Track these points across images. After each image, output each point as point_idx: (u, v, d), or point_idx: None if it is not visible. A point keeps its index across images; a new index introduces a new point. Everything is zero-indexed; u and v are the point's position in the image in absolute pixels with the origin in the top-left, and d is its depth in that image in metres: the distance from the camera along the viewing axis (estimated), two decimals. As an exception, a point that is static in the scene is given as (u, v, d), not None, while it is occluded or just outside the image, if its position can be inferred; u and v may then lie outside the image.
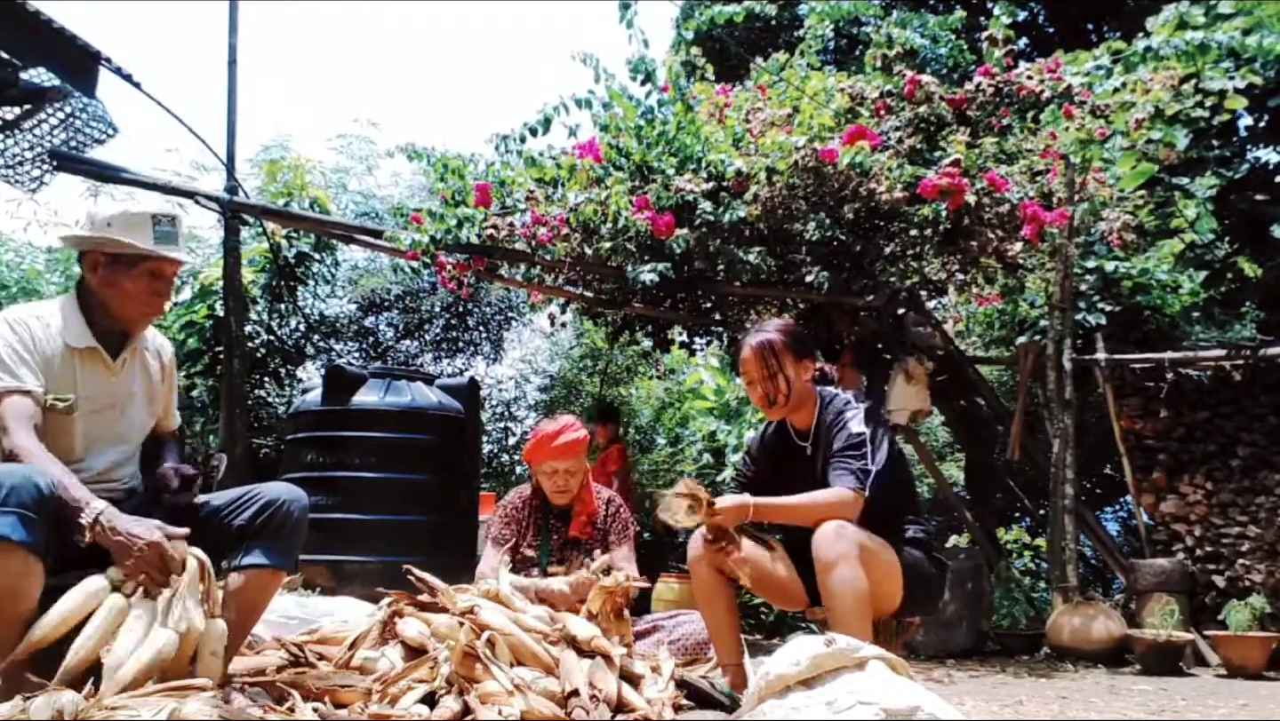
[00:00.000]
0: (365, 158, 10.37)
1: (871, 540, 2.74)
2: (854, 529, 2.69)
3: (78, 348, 2.50)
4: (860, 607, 2.61)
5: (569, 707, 2.24)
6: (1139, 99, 5.07)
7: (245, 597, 2.47)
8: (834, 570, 2.62)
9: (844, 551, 2.63)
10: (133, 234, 2.49)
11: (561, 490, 3.60)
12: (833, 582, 2.62)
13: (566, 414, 4.23)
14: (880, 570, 2.74)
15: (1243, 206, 5.68)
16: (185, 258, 2.59)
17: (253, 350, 8.03)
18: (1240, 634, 4.94)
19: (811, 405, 3.00)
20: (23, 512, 2.10)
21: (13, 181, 5.58)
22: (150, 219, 2.51)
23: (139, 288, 2.53)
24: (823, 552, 2.65)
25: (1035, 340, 6.50)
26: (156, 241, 2.50)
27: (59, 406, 2.45)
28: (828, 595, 2.65)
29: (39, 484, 2.15)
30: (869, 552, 2.70)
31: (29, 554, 2.11)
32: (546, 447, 3.56)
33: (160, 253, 2.50)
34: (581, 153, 5.34)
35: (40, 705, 1.92)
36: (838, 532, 2.66)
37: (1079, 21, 11.37)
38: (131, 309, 2.55)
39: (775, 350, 2.92)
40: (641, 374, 10.44)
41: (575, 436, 3.56)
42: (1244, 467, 5.54)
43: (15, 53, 4.68)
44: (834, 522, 2.68)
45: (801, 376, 2.96)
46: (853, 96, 5.26)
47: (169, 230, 2.53)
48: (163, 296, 2.59)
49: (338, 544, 5.50)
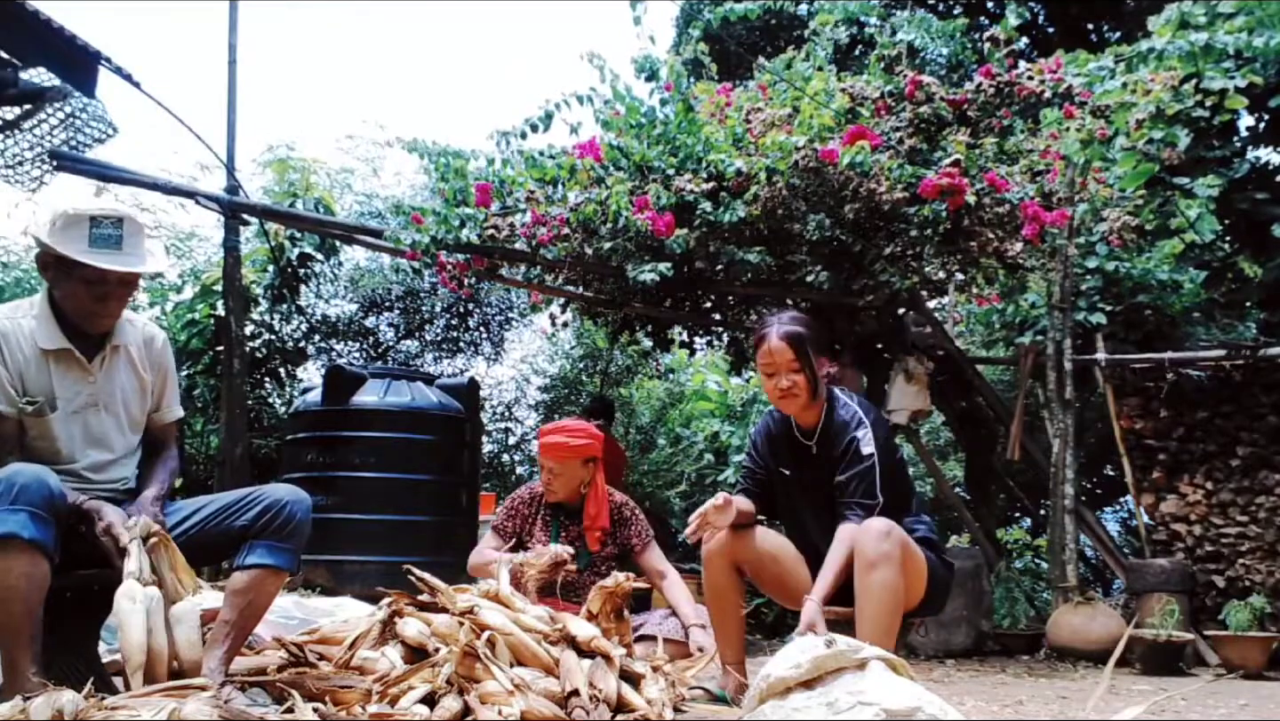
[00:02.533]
0: (371, 159, 10.39)
1: (911, 543, 2.73)
2: (901, 530, 2.66)
3: (50, 349, 2.43)
4: (894, 612, 2.59)
5: (569, 707, 2.24)
6: (1140, 99, 5.07)
7: (247, 597, 2.47)
8: (876, 570, 2.59)
9: (889, 552, 2.60)
10: (67, 237, 2.32)
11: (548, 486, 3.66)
12: (872, 582, 2.59)
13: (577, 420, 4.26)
14: (915, 573, 2.72)
15: (1243, 206, 5.67)
16: (126, 266, 2.35)
17: (253, 350, 8.03)
18: (1240, 634, 4.93)
19: (820, 403, 2.95)
20: (33, 511, 2.10)
21: (13, 181, 5.57)
22: (89, 221, 2.33)
23: (80, 293, 2.39)
24: (868, 550, 2.61)
25: (1035, 340, 6.50)
26: (91, 245, 2.31)
27: (28, 410, 2.40)
28: (863, 593, 2.60)
29: (50, 484, 2.15)
30: (909, 555, 2.68)
31: (37, 552, 2.11)
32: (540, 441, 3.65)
33: (83, 260, 2.31)
34: (582, 152, 5.34)
35: (40, 705, 1.92)
36: (885, 532, 2.62)
37: (1079, 21, 11.37)
38: (77, 312, 2.43)
39: (802, 342, 2.84)
40: (642, 374, 10.43)
41: (563, 440, 3.59)
42: (1244, 467, 5.53)
43: (15, 53, 4.68)
44: (883, 520, 2.65)
45: (819, 373, 2.90)
46: (853, 96, 5.26)
47: (110, 234, 2.33)
48: (107, 302, 2.43)
49: (338, 544, 5.51)
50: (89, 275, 2.36)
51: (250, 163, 8.90)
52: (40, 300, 2.50)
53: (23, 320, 2.45)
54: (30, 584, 2.11)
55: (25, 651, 2.11)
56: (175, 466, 2.66)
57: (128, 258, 2.38)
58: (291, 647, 2.69)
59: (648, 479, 9.32)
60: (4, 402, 2.37)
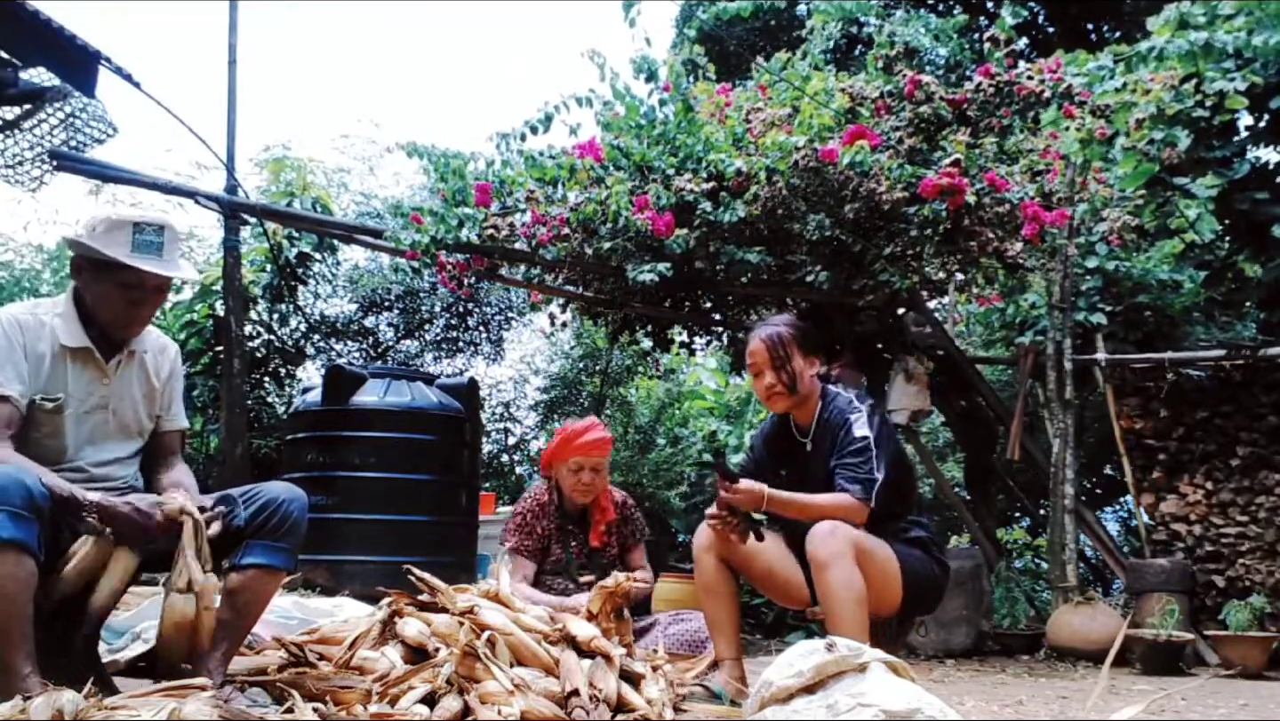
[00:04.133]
0: (367, 158, 10.39)
1: (868, 540, 2.74)
2: (848, 528, 2.69)
3: (70, 347, 2.48)
4: (856, 607, 2.61)
5: (569, 707, 2.24)
6: (1140, 99, 5.07)
7: (245, 597, 2.47)
8: (828, 569, 2.62)
9: (837, 550, 2.63)
10: (111, 241, 2.41)
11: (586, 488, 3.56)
12: (828, 581, 2.63)
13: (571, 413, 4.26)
14: (878, 570, 2.74)
15: (1243, 206, 5.67)
16: (167, 271, 2.47)
17: (253, 350, 8.03)
18: (1240, 634, 4.93)
19: (814, 401, 3.01)
20: (12, 510, 2.10)
21: (13, 181, 5.57)
22: (131, 227, 2.43)
23: (115, 296, 2.47)
24: (817, 551, 2.65)
25: (1035, 340, 6.50)
26: (134, 250, 2.41)
27: (46, 406, 2.44)
28: (823, 594, 2.65)
29: (27, 483, 2.15)
30: (865, 552, 2.70)
31: (20, 552, 2.11)
32: (573, 444, 3.53)
33: (128, 263, 2.40)
34: (582, 152, 5.34)
35: (40, 705, 1.92)
36: (831, 532, 2.66)
37: (1079, 21, 11.37)
38: (110, 316, 2.50)
39: (784, 341, 2.95)
40: (641, 374, 10.43)
41: (602, 435, 3.58)
42: (1244, 467, 5.53)
43: (15, 53, 4.67)
44: (828, 522, 2.68)
45: (807, 371, 2.97)
46: (853, 96, 5.26)
47: (152, 240, 2.44)
48: (140, 307, 2.51)
49: (338, 544, 5.50)
50: (129, 279, 2.45)
51: (246, 162, 8.90)
52: (66, 300, 2.55)
53: (45, 316, 2.50)
54: (16, 584, 2.11)
55: (17, 651, 2.11)
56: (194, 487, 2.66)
57: (167, 263, 2.48)
58: (291, 647, 2.69)
59: (647, 479, 9.31)
60: (17, 382, 2.40)
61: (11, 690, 2.04)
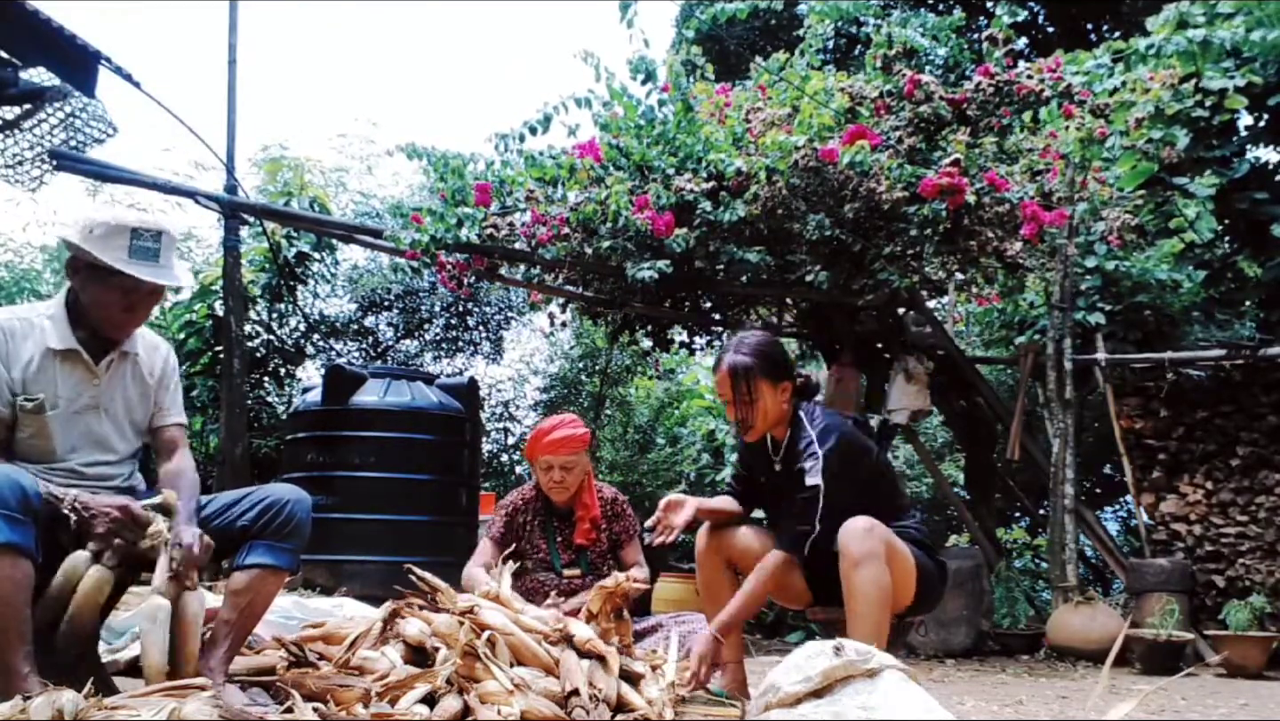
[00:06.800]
0: (365, 157, 10.39)
1: (897, 540, 2.72)
2: (882, 526, 2.65)
3: (58, 349, 2.47)
4: (880, 609, 2.58)
5: (569, 707, 2.24)
6: (1139, 98, 5.07)
7: (247, 597, 2.47)
8: (861, 567, 2.58)
9: (872, 549, 2.59)
10: (108, 246, 2.39)
11: (558, 486, 3.57)
12: (857, 580, 2.58)
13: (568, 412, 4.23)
14: (902, 570, 2.71)
15: (1243, 206, 5.67)
16: (163, 279, 2.45)
17: (253, 350, 8.03)
18: (1240, 633, 4.94)
19: (786, 424, 2.92)
20: (8, 513, 2.10)
21: (13, 181, 5.57)
22: (130, 233, 2.40)
23: (110, 300, 2.45)
24: (851, 548, 2.60)
25: (1035, 340, 6.50)
26: (131, 256, 2.39)
27: (26, 406, 2.42)
28: (850, 591, 2.60)
29: (22, 483, 2.14)
30: (894, 552, 2.67)
31: (16, 554, 2.10)
32: (541, 442, 3.54)
33: (125, 270, 2.38)
34: (581, 152, 5.34)
35: (40, 705, 1.92)
36: (868, 529, 2.61)
37: (1079, 21, 11.37)
38: (104, 318, 2.49)
39: (749, 376, 2.82)
40: (641, 373, 10.43)
41: (570, 432, 3.54)
42: (1244, 467, 5.53)
43: (15, 53, 4.67)
44: (863, 519, 2.64)
45: (778, 400, 2.86)
46: (853, 96, 5.26)
47: (149, 246, 2.41)
48: (135, 311, 2.50)
49: (338, 544, 5.50)
50: (125, 284, 2.43)
51: (245, 162, 8.90)
52: (58, 301, 2.54)
53: (35, 319, 2.49)
54: (13, 586, 2.11)
55: (16, 652, 2.11)
56: (195, 479, 2.65)
57: (163, 270, 2.46)
58: (291, 647, 2.69)
59: (647, 478, 9.32)
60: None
61: (11, 690, 2.04)
